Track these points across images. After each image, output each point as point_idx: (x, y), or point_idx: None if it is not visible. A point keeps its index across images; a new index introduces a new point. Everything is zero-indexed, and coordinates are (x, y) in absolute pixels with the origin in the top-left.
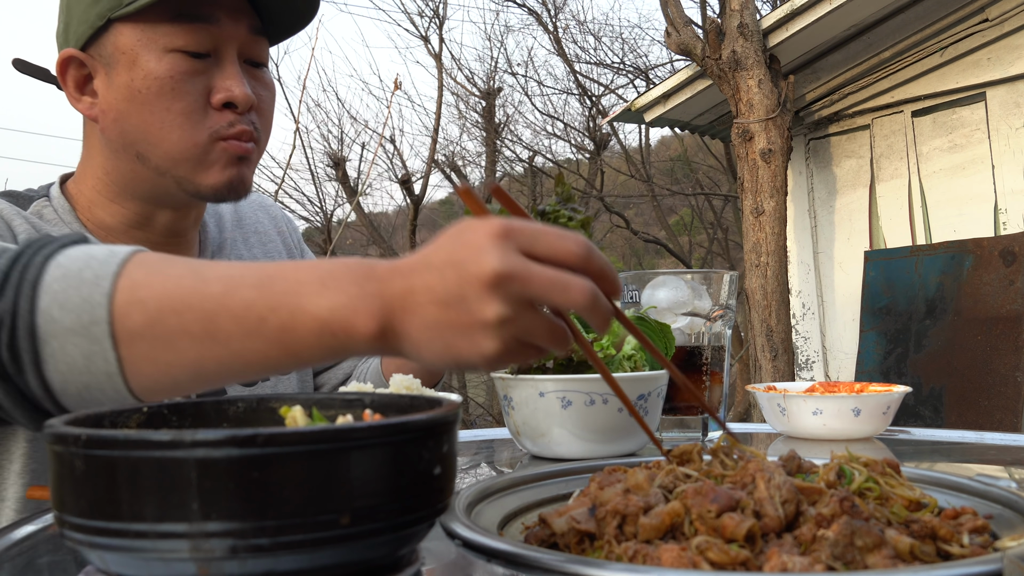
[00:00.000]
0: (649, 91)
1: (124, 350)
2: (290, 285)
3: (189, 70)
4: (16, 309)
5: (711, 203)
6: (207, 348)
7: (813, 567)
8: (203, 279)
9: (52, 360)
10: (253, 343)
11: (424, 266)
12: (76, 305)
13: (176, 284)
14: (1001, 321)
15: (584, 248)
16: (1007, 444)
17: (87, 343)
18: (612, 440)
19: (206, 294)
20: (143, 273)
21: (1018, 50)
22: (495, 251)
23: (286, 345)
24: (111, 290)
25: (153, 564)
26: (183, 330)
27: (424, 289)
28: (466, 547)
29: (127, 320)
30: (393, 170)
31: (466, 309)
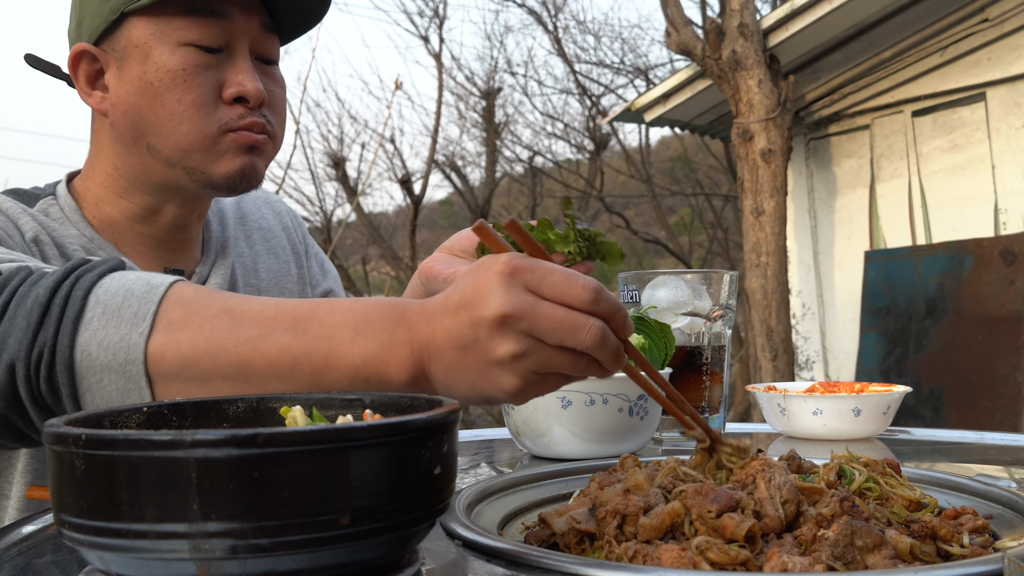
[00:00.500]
0: (649, 91)
1: (159, 388)
2: (324, 330)
3: (201, 64)
4: (56, 344)
5: (711, 203)
6: (239, 388)
7: (813, 567)
8: (238, 322)
9: (89, 394)
10: (285, 384)
11: (443, 310)
12: (114, 344)
13: (212, 327)
14: (1001, 321)
15: (592, 293)
16: (1007, 444)
17: (123, 380)
18: (612, 440)
19: (241, 338)
20: (179, 313)
21: (1018, 50)
22: (500, 291)
23: (318, 387)
24: (148, 331)
25: (153, 564)
26: (216, 372)
27: (443, 334)
28: (466, 547)
29: (162, 361)
30: (393, 170)
31: (480, 350)
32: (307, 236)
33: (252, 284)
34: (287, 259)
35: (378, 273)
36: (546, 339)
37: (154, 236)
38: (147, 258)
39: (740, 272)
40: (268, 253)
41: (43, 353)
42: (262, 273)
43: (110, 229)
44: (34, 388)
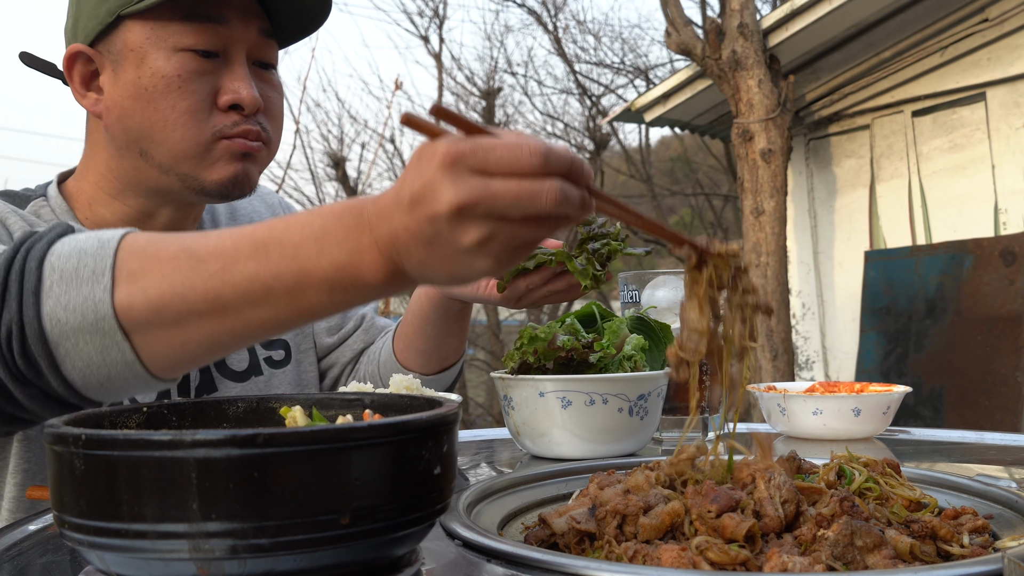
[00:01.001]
0: (649, 91)
1: (136, 339)
2: (287, 249)
3: (197, 70)
4: (22, 319)
5: (711, 203)
6: (218, 323)
7: (813, 567)
8: (198, 258)
9: (68, 360)
10: (263, 311)
11: (397, 207)
12: (79, 305)
13: (174, 268)
14: (1001, 321)
15: (540, 157)
16: (1007, 444)
17: (99, 339)
18: (612, 440)
19: (206, 273)
20: (137, 262)
21: (1018, 50)
22: (448, 182)
23: (297, 307)
24: (110, 285)
25: (153, 564)
26: (190, 311)
27: (405, 232)
28: (466, 547)
29: (132, 312)
30: (393, 170)
31: (445, 242)
32: None
33: None
34: None
35: None
36: (508, 215)
37: None
38: None
39: None
40: None
41: (11, 330)
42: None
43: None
44: (11, 366)
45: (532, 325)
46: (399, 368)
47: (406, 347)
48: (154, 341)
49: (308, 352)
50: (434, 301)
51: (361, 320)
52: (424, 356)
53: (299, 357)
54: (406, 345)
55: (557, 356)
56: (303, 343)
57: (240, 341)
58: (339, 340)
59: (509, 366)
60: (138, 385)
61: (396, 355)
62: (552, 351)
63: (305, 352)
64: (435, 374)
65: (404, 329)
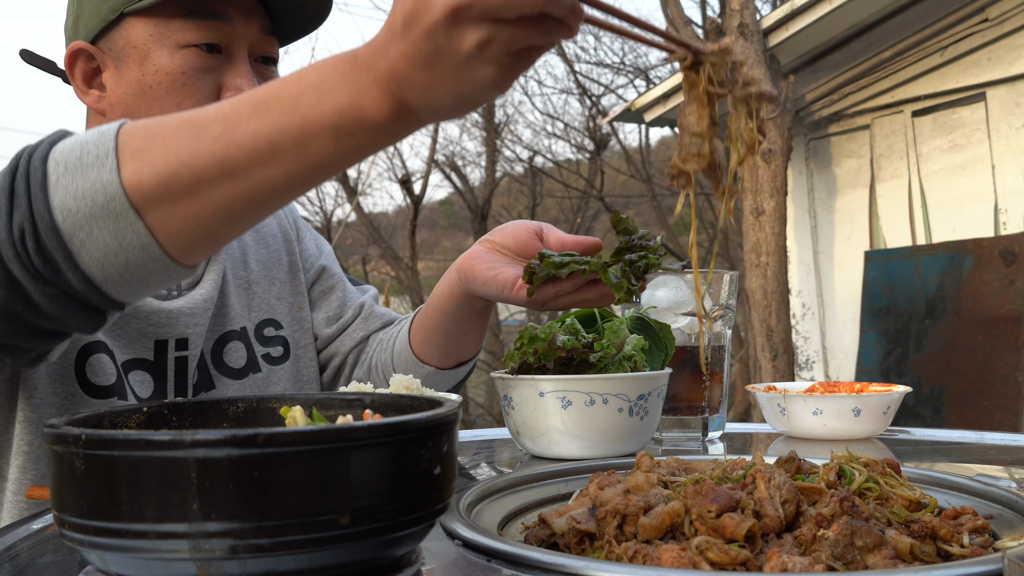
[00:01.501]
0: (649, 91)
1: (149, 217)
2: (286, 104)
3: (200, 66)
4: (33, 215)
5: (711, 203)
6: (228, 188)
7: (813, 567)
8: (199, 126)
9: (84, 251)
10: (272, 169)
11: (392, 37)
12: (88, 190)
13: (177, 140)
14: (1001, 321)
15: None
16: (1007, 444)
17: (112, 222)
18: (612, 440)
19: (210, 138)
20: (140, 140)
21: (1018, 50)
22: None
23: (305, 160)
24: (116, 166)
25: (153, 564)
26: (199, 179)
27: (403, 59)
28: (466, 547)
29: (141, 188)
30: (393, 170)
31: (446, 55)
32: (298, 220)
33: (241, 276)
34: (278, 247)
35: (378, 273)
36: (502, 15)
37: None
38: None
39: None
40: (257, 243)
41: (24, 228)
42: (252, 264)
43: None
44: (28, 265)
45: (532, 325)
46: (414, 359)
47: (424, 340)
48: (168, 216)
49: (307, 348)
50: (457, 298)
51: (360, 308)
52: (442, 351)
53: (298, 353)
54: (424, 339)
55: (557, 356)
56: (302, 339)
57: (254, 207)
58: (339, 329)
59: (509, 366)
60: (157, 272)
61: (413, 347)
62: (552, 351)
63: (304, 348)
64: (451, 368)
65: (423, 323)
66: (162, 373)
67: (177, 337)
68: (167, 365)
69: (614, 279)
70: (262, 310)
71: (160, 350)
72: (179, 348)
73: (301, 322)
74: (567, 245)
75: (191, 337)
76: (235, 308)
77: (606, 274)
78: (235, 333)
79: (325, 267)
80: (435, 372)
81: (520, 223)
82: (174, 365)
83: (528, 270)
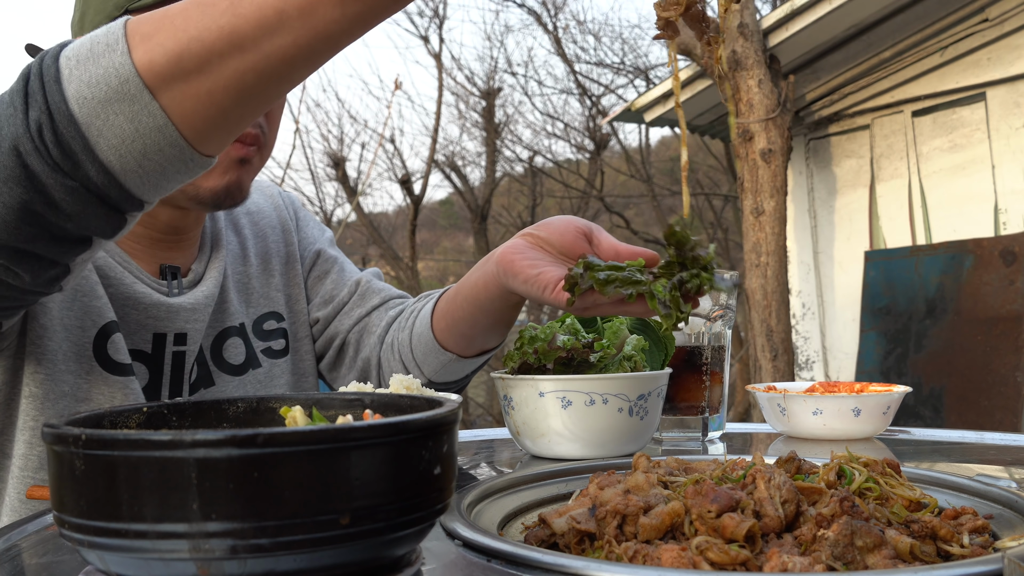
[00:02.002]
0: (649, 91)
1: (163, 97)
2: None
3: None
4: (49, 108)
5: (711, 203)
6: (239, 60)
7: (813, 567)
8: (206, 3)
9: (101, 139)
10: (280, 38)
11: None
12: (101, 76)
13: (185, 18)
14: (1001, 321)
15: None
16: (1007, 444)
17: (127, 105)
18: (612, 440)
19: (218, 12)
20: (148, 24)
21: (1018, 50)
22: None
23: (313, 28)
24: (127, 49)
25: (153, 564)
26: (210, 54)
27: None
28: (466, 547)
29: (154, 67)
30: (393, 170)
31: None
32: (299, 210)
33: (240, 272)
34: (276, 239)
35: None
36: None
37: (151, 236)
38: (144, 255)
39: (740, 272)
40: (256, 236)
41: (41, 121)
42: (251, 258)
43: None
44: (48, 159)
45: (532, 325)
46: (435, 345)
47: (449, 328)
48: (181, 96)
49: (304, 340)
50: (492, 292)
51: (356, 286)
52: (467, 340)
53: (296, 346)
54: (450, 326)
55: (557, 356)
56: (300, 331)
57: (265, 80)
58: (335, 309)
59: (509, 366)
60: (175, 160)
61: (435, 333)
62: (552, 351)
63: (302, 340)
64: (472, 357)
65: (450, 310)
66: (158, 366)
67: (176, 332)
68: (164, 359)
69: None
70: (261, 304)
71: (158, 343)
72: (177, 343)
73: (298, 314)
74: (622, 255)
75: (190, 333)
76: (234, 304)
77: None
78: (234, 329)
79: (321, 250)
80: (455, 359)
81: (569, 220)
82: (171, 360)
83: (570, 280)
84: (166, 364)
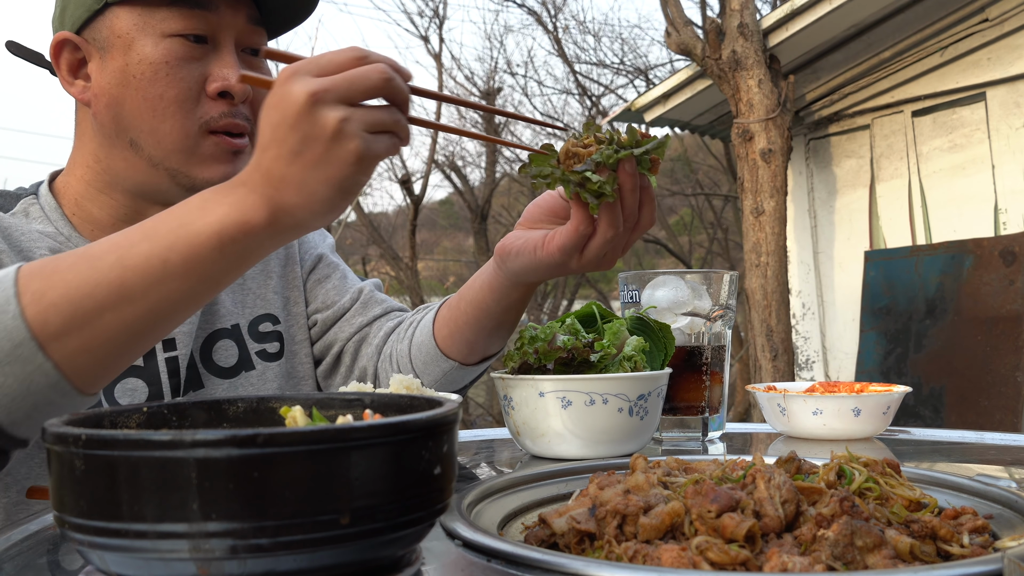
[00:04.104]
0: (649, 91)
1: (56, 354)
2: (173, 223)
3: (185, 56)
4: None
5: (711, 203)
6: (129, 312)
7: (813, 567)
8: (95, 257)
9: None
10: (167, 286)
11: (262, 149)
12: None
13: (75, 274)
14: (1001, 321)
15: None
16: (1007, 444)
17: (20, 367)
18: (612, 440)
19: (106, 266)
20: (39, 282)
21: (1018, 50)
22: (293, 86)
23: (197, 273)
24: (19, 310)
25: (153, 564)
26: (101, 307)
27: (275, 160)
28: (466, 547)
29: (48, 327)
30: (393, 170)
31: (313, 140)
32: None
33: None
34: None
35: (378, 273)
36: (353, 96)
37: None
38: None
39: (740, 272)
40: None
41: None
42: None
43: (90, 226)
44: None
45: (532, 325)
46: (437, 353)
47: (453, 334)
48: (73, 350)
49: (302, 344)
50: (496, 290)
51: (359, 294)
52: (470, 346)
53: (293, 349)
54: (453, 332)
55: (557, 356)
56: (297, 334)
57: (153, 326)
58: (336, 315)
59: (509, 366)
60: (64, 406)
61: (438, 341)
62: (552, 351)
63: (299, 344)
64: (475, 364)
65: (453, 316)
66: (155, 377)
67: (164, 338)
68: (158, 368)
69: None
70: (257, 306)
71: (149, 353)
72: (167, 348)
73: (296, 317)
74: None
75: (178, 336)
76: (226, 305)
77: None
78: (225, 331)
79: (322, 255)
80: (457, 368)
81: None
82: (166, 367)
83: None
84: (162, 373)
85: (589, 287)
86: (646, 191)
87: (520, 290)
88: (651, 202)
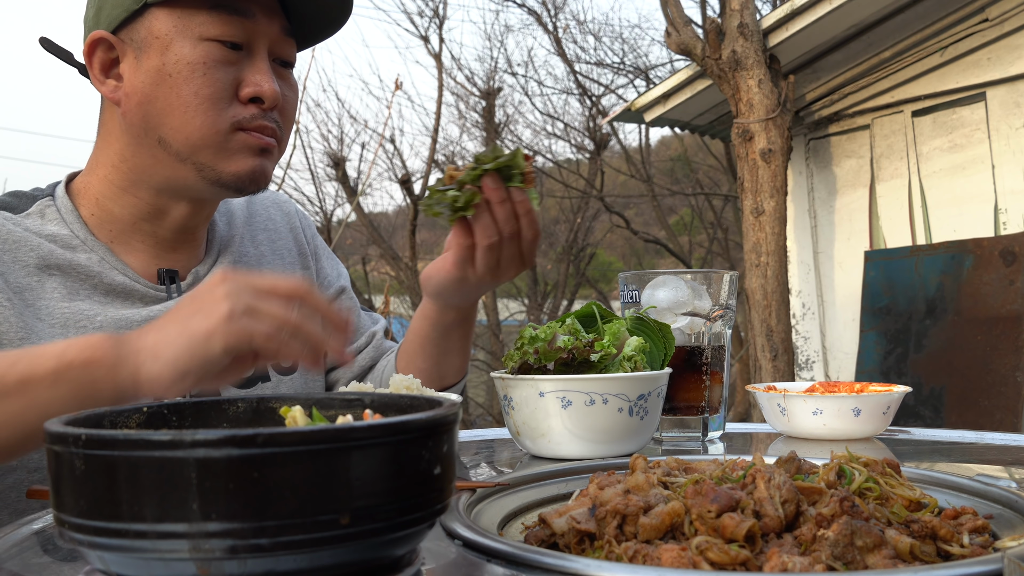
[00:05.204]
0: (649, 91)
1: None
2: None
3: (222, 59)
4: None
5: (711, 203)
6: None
7: (813, 567)
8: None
9: None
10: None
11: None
12: None
13: None
14: (1001, 321)
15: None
16: (1007, 444)
17: None
18: (612, 440)
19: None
20: None
21: (1018, 50)
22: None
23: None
24: None
25: (153, 564)
26: None
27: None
28: (466, 547)
29: None
30: (393, 170)
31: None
32: (316, 237)
33: None
34: (292, 260)
35: (378, 273)
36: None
37: (157, 235)
38: (145, 256)
39: (740, 272)
40: (273, 254)
41: None
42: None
43: (108, 227)
44: None
45: (532, 325)
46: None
47: (407, 365)
48: None
49: None
50: (430, 317)
51: (371, 338)
52: (425, 374)
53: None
54: (407, 363)
55: (557, 356)
56: None
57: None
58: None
59: (509, 366)
60: None
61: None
62: (552, 351)
63: None
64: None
65: (406, 349)
66: None
67: None
68: None
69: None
70: None
71: None
72: None
73: None
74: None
75: None
76: None
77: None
78: None
79: (345, 288)
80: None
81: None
82: None
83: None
84: None
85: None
86: (521, 203)
87: (451, 314)
88: (529, 213)
